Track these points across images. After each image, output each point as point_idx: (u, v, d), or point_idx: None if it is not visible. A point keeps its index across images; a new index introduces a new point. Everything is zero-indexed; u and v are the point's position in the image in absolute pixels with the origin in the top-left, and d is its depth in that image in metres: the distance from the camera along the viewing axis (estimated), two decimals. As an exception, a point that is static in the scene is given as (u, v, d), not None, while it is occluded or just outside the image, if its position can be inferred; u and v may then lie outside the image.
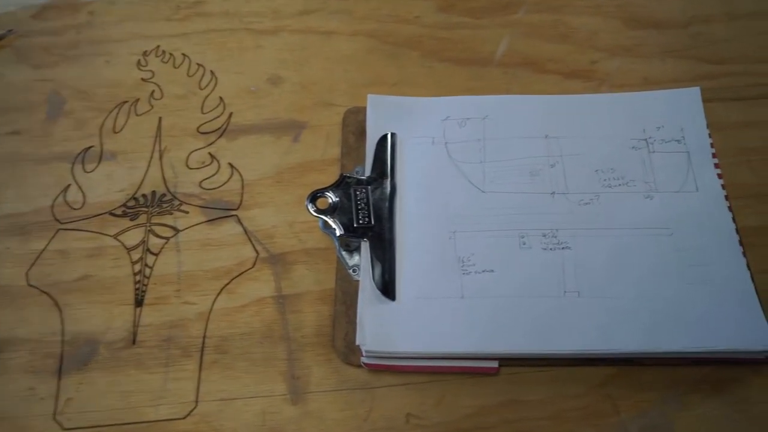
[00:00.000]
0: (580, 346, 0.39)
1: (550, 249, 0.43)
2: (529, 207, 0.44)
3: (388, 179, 0.46)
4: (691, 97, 0.50)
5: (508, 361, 0.40)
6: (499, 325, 0.40)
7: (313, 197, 0.44)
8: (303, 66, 0.55)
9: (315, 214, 0.44)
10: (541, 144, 0.48)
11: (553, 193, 0.45)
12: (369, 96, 0.50)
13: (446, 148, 0.48)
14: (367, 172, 0.47)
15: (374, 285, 0.42)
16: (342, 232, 0.43)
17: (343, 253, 0.45)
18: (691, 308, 0.40)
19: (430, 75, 0.54)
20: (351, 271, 0.44)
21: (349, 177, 0.46)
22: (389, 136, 0.48)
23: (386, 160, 0.47)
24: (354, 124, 0.51)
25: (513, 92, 0.52)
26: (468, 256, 0.42)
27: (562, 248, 0.43)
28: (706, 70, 0.54)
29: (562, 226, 0.44)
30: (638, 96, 0.50)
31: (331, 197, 0.45)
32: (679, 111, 0.49)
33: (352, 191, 0.45)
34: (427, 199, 0.45)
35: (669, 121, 0.49)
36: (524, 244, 0.43)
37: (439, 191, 0.45)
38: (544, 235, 0.43)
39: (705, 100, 0.51)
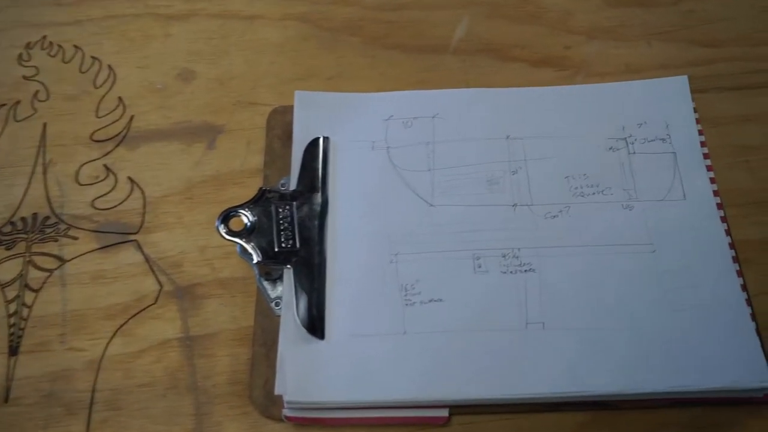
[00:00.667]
0: (546, 388, 0.40)
1: (511, 272, 0.44)
2: (486, 222, 0.45)
3: (319, 193, 0.47)
4: (678, 87, 0.52)
5: (460, 409, 0.41)
6: (450, 366, 0.41)
7: (226, 217, 0.45)
8: (220, 58, 0.56)
9: (227, 237, 0.45)
10: (502, 146, 0.49)
11: (514, 205, 0.46)
12: (297, 93, 0.52)
13: (388, 154, 0.49)
14: (293, 184, 0.48)
15: (298, 321, 0.43)
16: (260, 259, 0.44)
17: (265, 283, 0.45)
18: (677, 340, 0.41)
19: (372, 66, 0.55)
20: (273, 304, 0.45)
21: (270, 191, 0.47)
22: (321, 141, 0.49)
23: (316, 169, 0.48)
24: (281, 126, 0.52)
25: (472, 85, 0.54)
26: (412, 284, 0.43)
27: (525, 271, 0.44)
28: (699, 54, 0.56)
29: (525, 245, 0.45)
30: (616, 87, 0.52)
31: (248, 216, 0.45)
32: (664, 104, 0.51)
33: (273, 209, 0.46)
34: (364, 216, 0.46)
35: (652, 116, 0.50)
36: (479, 267, 0.44)
37: (379, 206, 0.46)
38: (504, 256, 0.44)
39: (697, 90, 0.53)
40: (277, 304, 0.45)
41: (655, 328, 0.42)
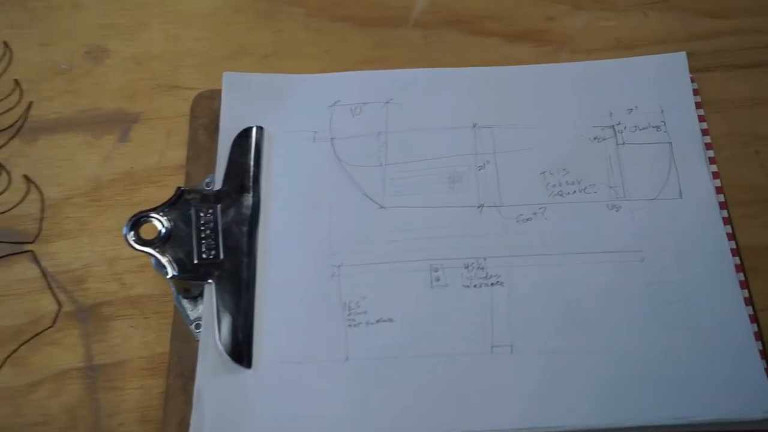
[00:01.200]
0: (514, 422, 0.40)
1: (475, 286, 0.44)
2: (447, 227, 0.46)
3: (249, 194, 0.47)
4: (675, 65, 0.52)
5: (412, 450, 0.40)
6: (400, 398, 0.41)
7: (136, 222, 0.45)
8: (138, 33, 0.56)
9: (137, 246, 0.44)
10: (467, 137, 0.49)
11: (480, 206, 0.47)
12: (225, 74, 0.51)
13: (333, 146, 0.48)
14: (219, 183, 0.48)
15: (221, 346, 0.42)
16: (176, 272, 0.44)
17: (184, 302, 0.45)
18: (669, 364, 0.42)
19: (317, 42, 0.55)
20: (193, 327, 0.44)
21: (190, 192, 0.46)
22: (253, 132, 0.49)
23: (247, 165, 0.48)
24: (207, 114, 0.52)
25: (435, 64, 0.54)
26: (357, 301, 0.44)
27: (491, 284, 0.44)
28: (704, 26, 0.56)
29: (493, 253, 0.45)
30: (603, 66, 0.52)
31: (162, 222, 0.45)
32: (659, 85, 0.51)
33: (193, 212, 0.45)
34: (303, 221, 0.46)
35: (645, 100, 0.50)
36: (437, 280, 0.44)
37: (321, 209, 0.46)
38: (467, 267, 0.45)
39: (700, 69, 0.53)
40: (197, 327, 0.44)
41: (644, 351, 0.42)
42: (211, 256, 0.44)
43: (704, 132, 0.50)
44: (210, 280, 0.44)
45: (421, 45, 0.55)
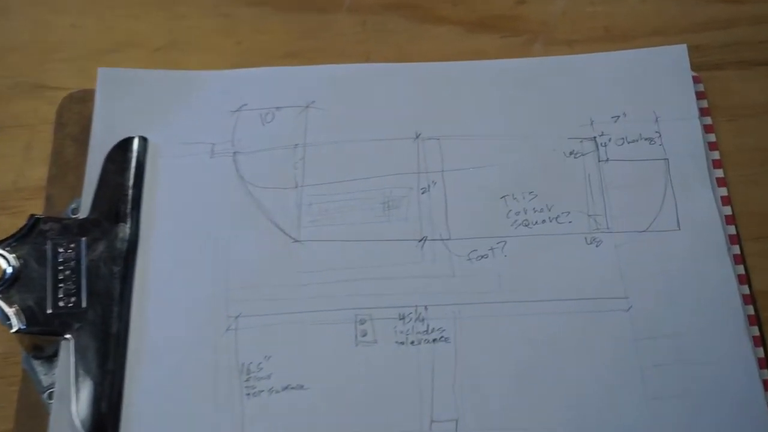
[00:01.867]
0: None
1: (412, 343, 0.43)
2: (379, 267, 0.45)
3: (126, 223, 0.46)
4: (674, 61, 0.51)
5: None
6: None
7: (-27, 260, 0.44)
8: (-6, 17, 0.55)
9: (-27, 291, 0.43)
10: (408, 150, 0.48)
11: (422, 239, 0.46)
12: (100, 70, 0.51)
13: (235, 162, 0.48)
14: (86, 210, 0.47)
15: (77, 421, 0.41)
16: (23, 325, 0.42)
17: (34, 362, 0.44)
18: None
19: (227, 30, 0.55)
20: (46, 395, 0.43)
21: (47, 221, 0.45)
22: (134, 144, 0.48)
23: (124, 186, 0.47)
24: (78, 121, 0.51)
25: (374, 59, 0.53)
26: (259, 362, 0.43)
27: (434, 341, 0.44)
28: (712, 13, 0.55)
29: (436, 300, 0.44)
30: (585, 62, 0.52)
31: (8, 260, 0.44)
32: (654, 86, 0.51)
33: (49, 247, 0.45)
34: (193, 259, 0.46)
35: (636, 104, 0.50)
36: (364, 335, 0.44)
37: (218, 243, 0.46)
38: (402, 318, 0.44)
39: (707, 66, 0.52)
40: (51, 396, 0.43)
41: (634, 426, 0.42)
42: (70, 304, 0.44)
43: (711, 146, 0.49)
44: (68, 335, 0.43)
45: (358, 35, 0.54)
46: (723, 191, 0.48)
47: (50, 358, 0.44)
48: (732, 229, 0.47)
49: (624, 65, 0.51)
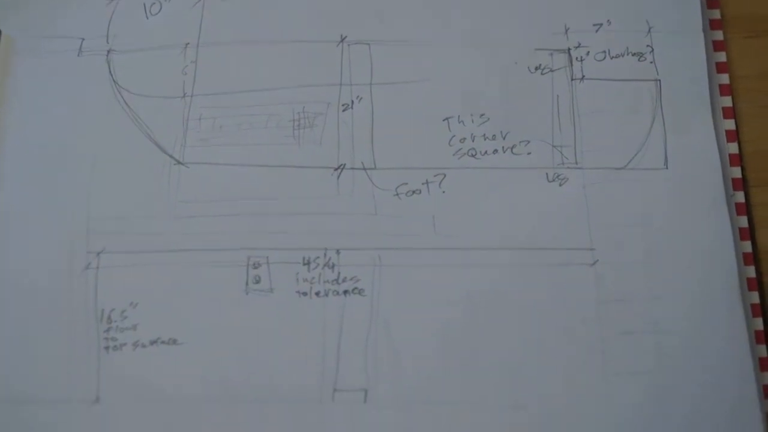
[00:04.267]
0: None
1: (317, 294, 0.41)
2: (280, 199, 0.42)
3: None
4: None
5: None
6: None
7: None
8: None
9: None
10: (329, 57, 0.45)
11: (339, 167, 0.43)
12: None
13: (109, 64, 0.45)
14: None
15: None
16: None
17: None
18: (624, 428, 0.39)
19: None
20: None
21: None
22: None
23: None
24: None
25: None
26: (123, 309, 0.40)
27: (345, 292, 0.41)
28: None
29: (352, 243, 0.42)
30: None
31: None
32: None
33: None
34: (49, 182, 0.43)
35: (623, 9, 0.46)
36: (257, 282, 0.41)
37: (81, 163, 0.43)
38: (307, 264, 0.41)
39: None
40: None
41: (587, 406, 0.39)
42: None
43: (720, 67, 0.45)
44: None
45: None
46: (729, 124, 0.44)
47: None
48: (737, 172, 0.43)
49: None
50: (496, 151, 0.43)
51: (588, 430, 0.39)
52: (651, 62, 0.45)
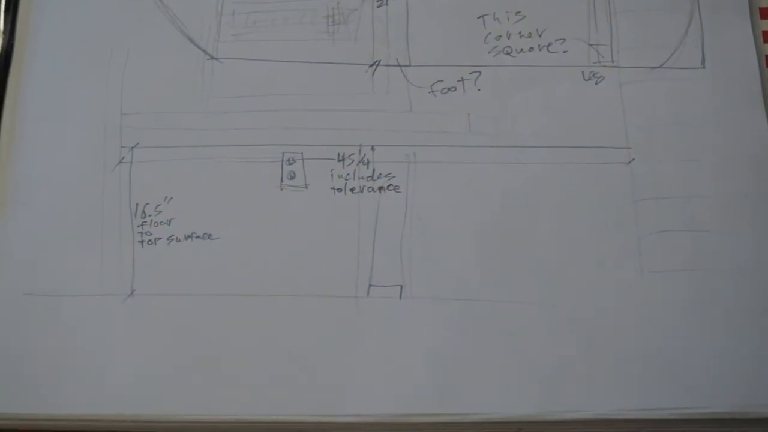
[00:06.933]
0: (395, 408, 0.38)
1: (352, 190, 0.41)
2: (315, 95, 0.43)
3: (-1, 35, 0.43)
4: None
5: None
6: (215, 361, 0.39)
7: None
8: None
9: None
10: None
11: (375, 63, 0.43)
12: None
13: None
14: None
15: None
16: None
17: None
18: (655, 328, 0.39)
19: None
20: None
21: None
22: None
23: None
24: None
25: None
26: (157, 204, 0.41)
27: (380, 189, 0.41)
28: None
29: (387, 140, 0.42)
30: None
31: None
32: None
33: None
34: (80, 77, 0.43)
35: None
36: (292, 178, 0.41)
37: (112, 57, 0.43)
38: (342, 160, 0.42)
39: None
40: None
41: (623, 303, 0.39)
42: None
43: None
44: None
45: None
46: (766, 25, 0.44)
47: None
48: (776, 73, 0.43)
49: None
50: (532, 48, 0.43)
51: (624, 328, 0.39)
52: None
